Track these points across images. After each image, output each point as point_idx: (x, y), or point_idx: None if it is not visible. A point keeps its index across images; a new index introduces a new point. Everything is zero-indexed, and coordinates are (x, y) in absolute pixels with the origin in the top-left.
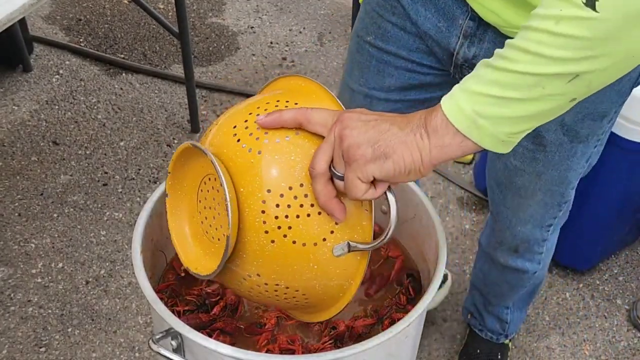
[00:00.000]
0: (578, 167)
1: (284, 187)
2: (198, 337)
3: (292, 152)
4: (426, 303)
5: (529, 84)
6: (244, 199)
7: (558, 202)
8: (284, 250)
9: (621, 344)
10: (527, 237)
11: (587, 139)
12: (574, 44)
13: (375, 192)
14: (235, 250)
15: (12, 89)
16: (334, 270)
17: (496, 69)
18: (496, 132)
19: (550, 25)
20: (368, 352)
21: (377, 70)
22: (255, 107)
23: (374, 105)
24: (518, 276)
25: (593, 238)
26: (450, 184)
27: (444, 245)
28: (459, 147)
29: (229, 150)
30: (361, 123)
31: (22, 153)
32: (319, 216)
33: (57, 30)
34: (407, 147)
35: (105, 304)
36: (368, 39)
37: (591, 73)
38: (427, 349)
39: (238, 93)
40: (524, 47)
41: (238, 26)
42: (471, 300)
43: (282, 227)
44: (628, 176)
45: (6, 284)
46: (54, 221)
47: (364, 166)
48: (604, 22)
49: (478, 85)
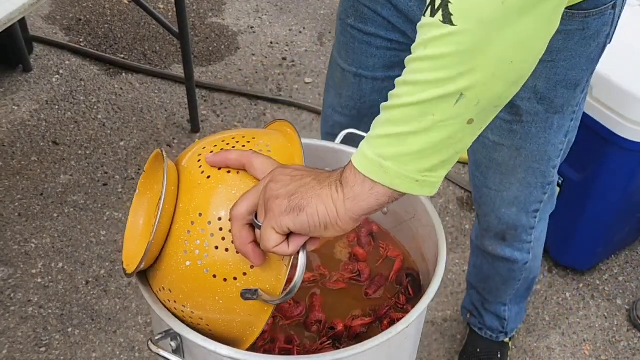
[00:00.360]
0: (557, 142)
1: (214, 215)
2: (197, 338)
3: (235, 187)
4: (426, 303)
5: (418, 114)
6: (178, 214)
7: (541, 183)
8: (195, 275)
9: (621, 344)
10: (513, 222)
11: (562, 109)
12: (443, 62)
13: (287, 248)
14: (157, 260)
15: (12, 89)
16: (238, 311)
17: (386, 108)
18: (404, 172)
19: (420, 51)
20: (368, 352)
21: (360, 51)
22: (230, 138)
23: (363, 83)
24: (509, 267)
25: (593, 238)
26: (450, 184)
27: (444, 245)
28: (371, 195)
29: (188, 167)
30: (288, 177)
31: (22, 153)
32: (236, 254)
33: (57, 30)
34: (322, 201)
35: (106, 304)
36: (349, 21)
37: (473, 89)
38: (427, 349)
39: (238, 93)
40: (403, 80)
41: (238, 26)
42: (469, 299)
43: (199, 252)
44: (628, 176)
45: (6, 284)
46: (54, 221)
47: (278, 217)
48: (464, 34)
49: (375, 129)
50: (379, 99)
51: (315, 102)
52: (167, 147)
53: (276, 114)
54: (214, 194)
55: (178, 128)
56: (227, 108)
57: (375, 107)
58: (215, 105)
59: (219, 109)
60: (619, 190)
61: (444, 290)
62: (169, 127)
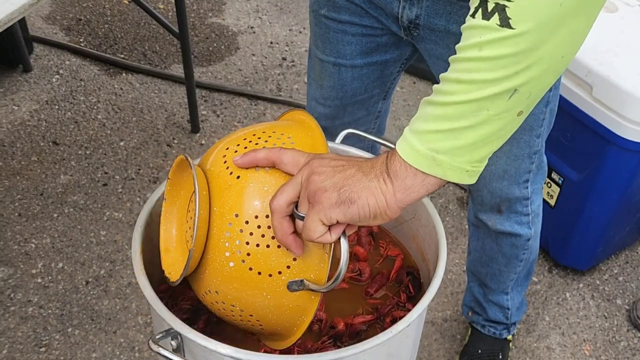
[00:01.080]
0: (537, 112)
1: (250, 214)
2: (198, 337)
3: (267, 183)
4: (426, 303)
5: (473, 110)
6: (215, 218)
7: (527, 153)
8: (240, 275)
9: (621, 344)
10: (505, 194)
11: None
12: (501, 63)
13: (330, 237)
14: (200, 265)
15: (12, 89)
16: (286, 303)
17: (438, 105)
18: (458, 164)
19: (475, 53)
20: (368, 352)
21: (336, 40)
22: (251, 135)
23: (342, 72)
24: (512, 242)
25: (593, 238)
26: (450, 184)
27: (444, 245)
28: (422, 186)
29: (216, 170)
30: (330, 168)
31: (22, 153)
32: (278, 249)
33: (57, 30)
34: (372, 193)
35: (105, 304)
36: (322, 12)
37: (527, 84)
38: (427, 349)
39: (238, 93)
40: (456, 78)
41: (238, 26)
42: (470, 294)
43: (241, 252)
44: (628, 176)
45: (6, 284)
46: (54, 221)
47: (328, 209)
48: (523, 36)
49: (426, 124)
50: (360, 86)
51: None
52: (167, 147)
53: (276, 114)
54: (247, 193)
55: (178, 128)
56: (227, 108)
57: (356, 94)
58: (215, 105)
59: (218, 109)
60: (619, 190)
61: (444, 290)
62: (169, 127)
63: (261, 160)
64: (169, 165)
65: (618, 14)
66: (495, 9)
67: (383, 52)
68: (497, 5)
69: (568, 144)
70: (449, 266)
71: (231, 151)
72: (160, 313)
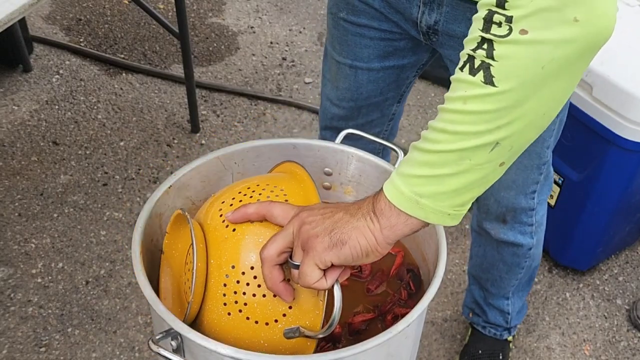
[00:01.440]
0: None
1: (246, 265)
2: (198, 338)
3: (262, 235)
4: (426, 303)
5: (456, 159)
6: (212, 270)
7: (537, 164)
8: (238, 324)
9: (621, 344)
10: (512, 204)
11: None
12: (483, 117)
13: (325, 283)
14: (198, 315)
15: (12, 89)
16: (283, 350)
17: (423, 151)
18: (440, 208)
19: (459, 105)
20: (368, 352)
21: (354, 43)
22: (245, 188)
23: (358, 75)
24: (513, 251)
25: (593, 238)
26: None
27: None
28: (406, 225)
29: (212, 223)
30: (319, 216)
31: (22, 153)
32: (273, 298)
33: (57, 30)
34: (360, 232)
35: (105, 304)
36: (341, 15)
37: (509, 138)
38: (427, 349)
39: (238, 93)
40: (441, 128)
41: (238, 26)
42: (471, 296)
43: (238, 302)
44: (628, 176)
45: (6, 284)
46: (54, 221)
47: (322, 253)
48: (505, 94)
49: (411, 169)
50: (375, 89)
51: (315, 102)
52: (167, 147)
53: (276, 114)
54: (242, 245)
55: (178, 128)
56: (227, 108)
57: (371, 97)
58: (215, 105)
59: (219, 109)
60: (619, 190)
61: (444, 290)
62: (169, 127)
63: (252, 215)
64: (169, 165)
65: (618, 14)
66: (480, 66)
67: (401, 57)
68: (482, 62)
69: (568, 144)
70: (449, 266)
71: (227, 205)
72: (160, 313)
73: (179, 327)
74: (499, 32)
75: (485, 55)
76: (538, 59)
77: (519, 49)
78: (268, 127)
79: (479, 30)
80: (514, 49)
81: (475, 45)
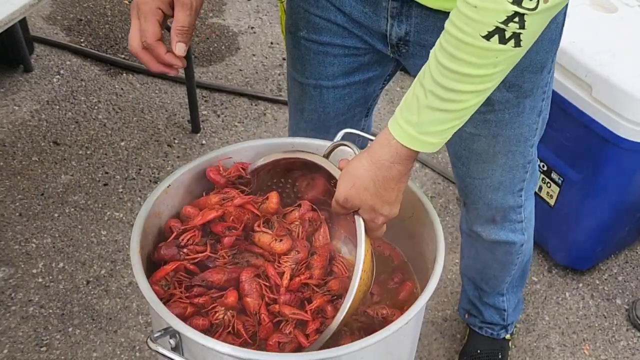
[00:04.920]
0: (530, 122)
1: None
2: (196, 336)
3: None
4: (424, 301)
5: (472, 111)
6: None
7: (522, 164)
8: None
9: (621, 344)
10: (500, 204)
11: (532, 92)
12: (507, 71)
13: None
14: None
15: (13, 89)
16: None
17: (449, 111)
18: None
19: (490, 70)
20: (367, 349)
21: (317, 62)
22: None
23: (324, 94)
24: (506, 250)
25: (593, 238)
26: (450, 184)
27: (442, 244)
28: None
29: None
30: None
31: (23, 153)
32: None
33: (57, 31)
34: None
35: (106, 303)
36: (301, 34)
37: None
38: (427, 348)
39: (239, 93)
40: (471, 90)
41: (238, 26)
42: (465, 297)
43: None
44: (627, 176)
45: (7, 284)
46: (54, 221)
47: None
48: (526, 48)
49: (437, 126)
50: (342, 107)
51: None
52: (168, 147)
53: (277, 114)
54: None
55: (179, 128)
56: (227, 108)
57: (339, 115)
58: (215, 105)
59: (219, 109)
60: (619, 190)
61: (443, 290)
62: (170, 127)
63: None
64: (169, 165)
65: (618, 14)
66: (512, 36)
67: (366, 71)
68: (514, 33)
69: (568, 144)
70: (449, 266)
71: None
72: (158, 311)
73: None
74: (529, 6)
75: (518, 27)
76: (549, 19)
77: (543, 15)
78: (268, 127)
79: (509, 3)
80: (539, 16)
81: (505, 18)
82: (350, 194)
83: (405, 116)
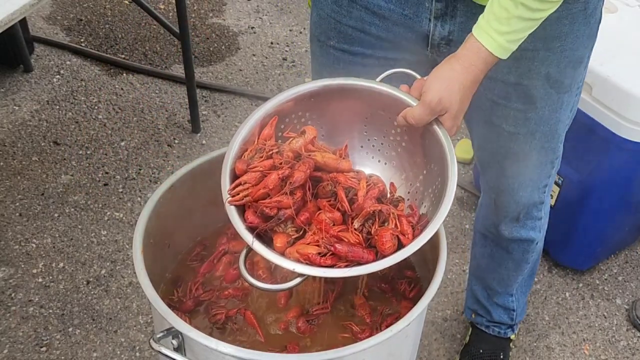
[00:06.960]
0: (565, 119)
1: None
2: (199, 336)
3: None
4: (426, 302)
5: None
6: None
7: (551, 159)
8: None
9: (621, 344)
10: (527, 201)
11: (570, 87)
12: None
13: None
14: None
15: (13, 89)
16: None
17: (524, 19)
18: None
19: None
20: (368, 351)
21: (345, 71)
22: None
23: None
24: (524, 248)
25: (593, 238)
26: None
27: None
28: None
29: None
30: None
31: (23, 153)
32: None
33: (57, 31)
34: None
35: (106, 303)
36: (331, 43)
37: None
38: (428, 348)
39: (239, 93)
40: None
41: (238, 26)
42: (473, 297)
43: None
44: (628, 176)
45: (7, 284)
46: (54, 221)
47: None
48: None
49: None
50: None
51: None
52: (168, 147)
53: None
54: None
55: (179, 128)
56: (227, 108)
57: None
58: (215, 105)
59: (219, 109)
60: (619, 190)
61: (444, 290)
62: (170, 127)
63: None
64: (169, 165)
65: (618, 14)
66: None
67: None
68: None
69: (568, 144)
70: (449, 266)
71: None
72: (161, 312)
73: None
74: None
75: None
76: None
77: None
78: None
79: None
80: None
81: None
82: (444, 95)
83: (495, 26)
